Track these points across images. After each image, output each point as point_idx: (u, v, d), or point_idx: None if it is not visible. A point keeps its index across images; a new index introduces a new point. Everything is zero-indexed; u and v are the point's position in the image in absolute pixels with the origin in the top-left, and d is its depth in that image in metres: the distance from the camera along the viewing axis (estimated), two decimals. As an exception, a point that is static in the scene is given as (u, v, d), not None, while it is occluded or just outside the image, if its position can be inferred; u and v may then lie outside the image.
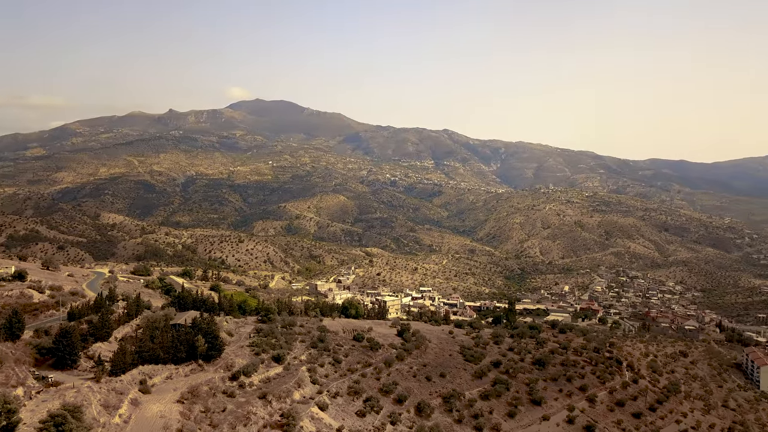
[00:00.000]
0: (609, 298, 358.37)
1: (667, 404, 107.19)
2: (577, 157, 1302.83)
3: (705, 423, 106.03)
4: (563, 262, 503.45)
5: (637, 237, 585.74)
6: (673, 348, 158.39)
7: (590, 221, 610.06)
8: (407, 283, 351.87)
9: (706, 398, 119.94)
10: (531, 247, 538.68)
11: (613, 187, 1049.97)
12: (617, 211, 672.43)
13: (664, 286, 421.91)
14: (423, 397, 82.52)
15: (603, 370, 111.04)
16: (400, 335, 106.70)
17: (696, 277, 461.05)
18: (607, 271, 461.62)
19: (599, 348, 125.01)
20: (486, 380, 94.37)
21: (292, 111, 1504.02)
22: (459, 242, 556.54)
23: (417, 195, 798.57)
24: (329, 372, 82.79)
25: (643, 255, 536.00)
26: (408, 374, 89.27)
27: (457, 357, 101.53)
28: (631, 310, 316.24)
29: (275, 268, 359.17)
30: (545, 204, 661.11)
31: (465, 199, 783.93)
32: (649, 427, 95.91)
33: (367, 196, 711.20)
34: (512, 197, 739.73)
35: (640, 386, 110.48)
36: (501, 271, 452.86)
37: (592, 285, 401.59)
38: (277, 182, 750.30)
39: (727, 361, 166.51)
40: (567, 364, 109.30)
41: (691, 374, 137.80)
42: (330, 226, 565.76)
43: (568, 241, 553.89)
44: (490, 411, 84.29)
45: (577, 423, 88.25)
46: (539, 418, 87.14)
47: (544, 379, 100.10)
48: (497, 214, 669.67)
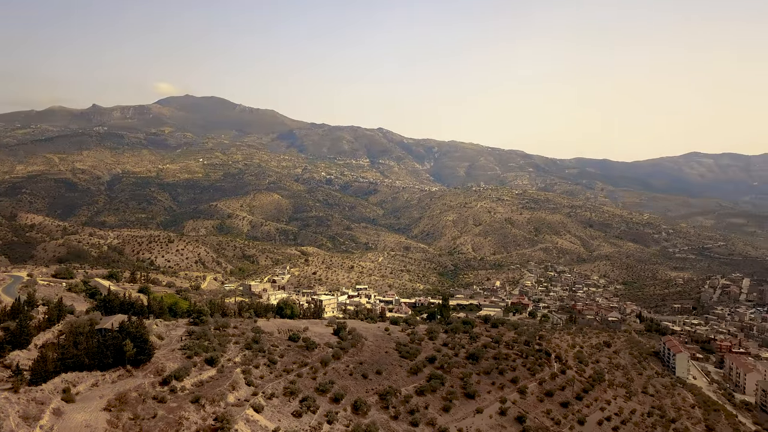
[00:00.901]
0: (538, 293, 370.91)
1: (592, 393, 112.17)
2: (508, 156, 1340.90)
3: (627, 409, 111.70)
4: (494, 257, 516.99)
5: (564, 233, 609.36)
6: (598, 339, 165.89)
7: (520, 218, 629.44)
8: (344, 281, 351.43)
9: (627, 386, 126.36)
10: (464, 243, 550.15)
11: (542, 185, 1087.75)
12: (545, 208, 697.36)
13: (589, 279, 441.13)
14: (359, 395, 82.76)
15: (533, 362, 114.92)
16: (337, 334, 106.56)
17: (618, 271, 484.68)
18: (537, 266, 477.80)
19: (529, 341, 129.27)
20: (421, 376, 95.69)
21: (223, 107, 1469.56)
22: (394, 240, 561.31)
23: (353, 193, 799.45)
24: (264, 373, 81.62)
25: (570, 250, 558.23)
26: (344, 373, 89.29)
27: (393, 354, 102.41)
28: (559, 303, 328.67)
29: (207, 269, 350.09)
30: (477, 202, 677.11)
31: (400, 197, 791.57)
32: (576, 415, 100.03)
33: (302, 195, 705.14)
34: (445, 195, 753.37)
35: (568, 376, 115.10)
36: (435, 267, 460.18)
37: (523, 280, 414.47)
38: (209, 180, 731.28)
39: (646, 349, 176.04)
40: (499, 357, 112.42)
41: (614, 363, 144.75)
42: (264, 225, 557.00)
43: (499, 238, 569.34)
44: (426, 406, 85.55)
45: (509, 414, 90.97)
46: (473, 411, 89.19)
47: (478, 373, 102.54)
48: (431, 211, 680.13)
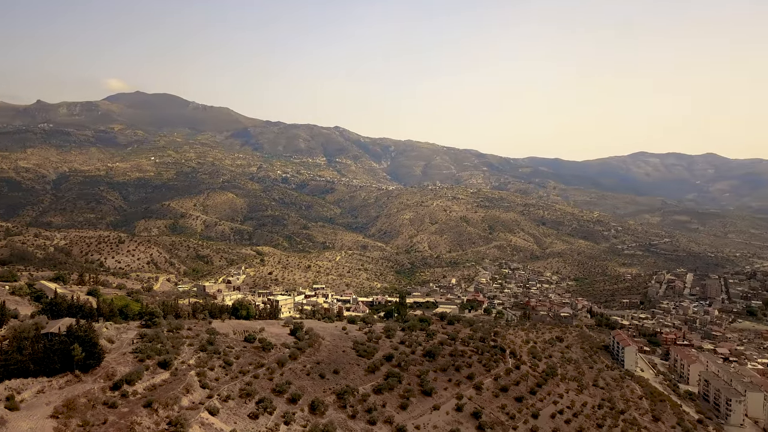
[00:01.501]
0: (493, 289, 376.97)
1: (545, 387, 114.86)
2: (462, 156, 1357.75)
3: (578, 402, 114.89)
4: (450, 255, 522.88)
5: (518, 231, 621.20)
6: (551, 334, 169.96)
7: (475, 216, 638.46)
8: (300, 281, 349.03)
9: (579, 379, 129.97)
10: (420, 242, 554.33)
11: (496, 184, 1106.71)
12: (499, 206, 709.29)
13: (542, 276, 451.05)
14: (317, 395, 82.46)
15: (488, 359, 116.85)
16: (293, 334, 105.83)
17: (570, 267, 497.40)
18: (491, 264, 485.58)
19: (485, 337, 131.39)
20: (379, 374, 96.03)
21: (175, 104, 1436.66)
22: (352, 239, 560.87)
23: (309, 192, 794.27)
24: (220, 375, 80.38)
25: (524, 248, 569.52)
26: (301, 373, 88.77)
27: (350, 353, 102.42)
28: (513, 300, 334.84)
29: (160, 270, 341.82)
30: (433, 200, 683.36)
31: (357, 196, 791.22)
32: (530, 409, 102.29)
33: (257, 194, 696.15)
34: (402, 194, 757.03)
35: (522, 372, 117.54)
36: (392, 265, 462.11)
37: (478, 277, 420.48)
38: (161, 179, 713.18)
39: (597, 343, 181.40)
40: (455, 354, 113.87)
41: (566, 358, 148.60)
42: (218, 225, 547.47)
43: (454, 236, 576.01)
44: (383, 404, 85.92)
45: (465, 410, 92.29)
46: (430, 408, 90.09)
47: (435, 370, 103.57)
48: (388, 210, 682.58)
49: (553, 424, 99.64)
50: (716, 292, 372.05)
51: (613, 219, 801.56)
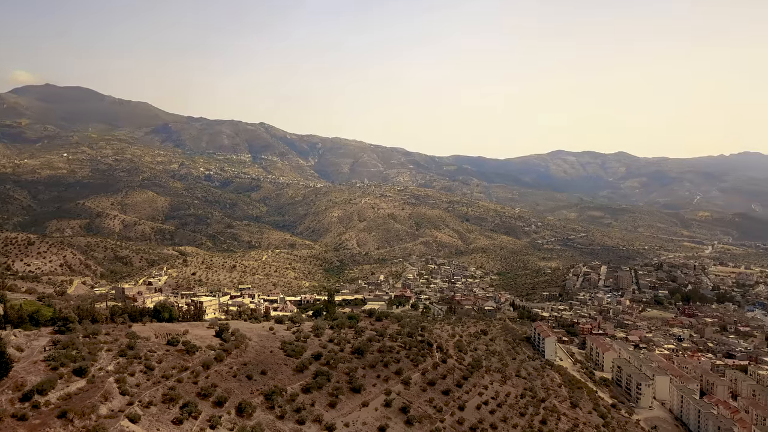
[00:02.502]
0: (420, 285, 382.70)
1: (471, 379, 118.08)
2: (390, 153, 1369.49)
3: (503, 392, 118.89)
4: (379, 252, 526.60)
5: (444, 227, 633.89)
6: (476, 327, 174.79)
7: (402, 213, 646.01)
8: (225, 281, 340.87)
9: (503, 370, 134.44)
10: (349, 239, 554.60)
11: (422, 182, 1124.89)
12: (426, 203, 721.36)
13: (467, 271, 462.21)
14: (244, 397, 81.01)
15: (416, 353, 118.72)
16: (219, 336, 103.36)
17: (493, 262, 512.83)
18: (418, 260, 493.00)
19: (412, 332, 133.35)
20: (307, 373, 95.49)
21: (90, 98, 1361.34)
22: (279, 237, 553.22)
23: (234, 190, 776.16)
24: (141, 381, 77.38)
25: (449, 243, 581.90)
26: (228, 375, 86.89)
27: (278, 353, 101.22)
28: (439, 295, 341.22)
29: (74, 273, 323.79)
30: (361, 198, 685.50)
31: (284, 193, 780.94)
32: (457, 401, 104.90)
33: (179, 192, 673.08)
34: (330, 192, 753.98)
35: (449, 365, 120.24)
36: (321, 264, 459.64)
37: (405, 273, 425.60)
38: (74, 177, 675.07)
39: (519, 335, 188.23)
40: (384, 350, 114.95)
41: (490, 350, 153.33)
42: (138, 225, 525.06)
43: (382, 233, 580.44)
44: (312, 403, 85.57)
45: (394, 405, 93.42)
46: (359, 404, 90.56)
47: (363, 367, 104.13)
48: (316, 208, 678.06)
49: (478, 415, 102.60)
50: (627, 283, 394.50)
51: (534, 215, 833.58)
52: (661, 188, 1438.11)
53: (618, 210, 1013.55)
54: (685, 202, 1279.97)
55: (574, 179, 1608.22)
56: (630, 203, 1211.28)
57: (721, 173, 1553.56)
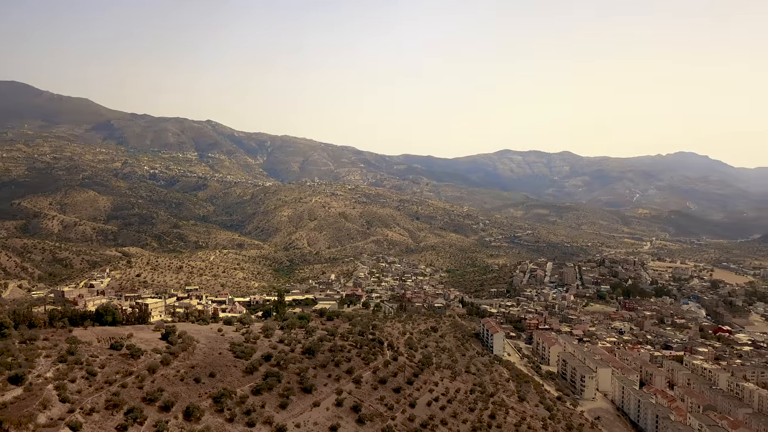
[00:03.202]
0: (371, 283, 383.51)
1: (422, 376, 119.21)
2: (340, 152, 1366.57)
3: (453, 388, 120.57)
4: (329, 251, 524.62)
5: (394, 226, 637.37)
6: (426, 324, 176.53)
7: (353, 212, 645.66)
8: (172, 283, 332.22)
9: (452, 366, 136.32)
10: (299, 239, 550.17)
11: (373, 180, 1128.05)
12: (376, 202, 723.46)
13: (417, 268, 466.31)
14: (192, 401, 79.25)
15: (367, 352, 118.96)
16: (165, 338, 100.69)
17: (442, 260, 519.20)
18: (369, 258, 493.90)
19: (363, 331, 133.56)
20: (257, 374, 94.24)
21: (26, 94, 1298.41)
22: (227, 237, 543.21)
23: (180, 189, 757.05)
24: (83, 387, 74.57)
25: (400, 242, 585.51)
26: (175, 378, 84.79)
27: (227, 355, 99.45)
28: (390, 293, 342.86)
29: (9, 276, 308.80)
30: (312, 197, 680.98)
31: (232, 192, 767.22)
32: (408, 399, 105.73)
33: (123, 191, 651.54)
34: (280, 190, 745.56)
35: (400, 363, 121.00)
36: (270, 264, 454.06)
37: (356, 272, 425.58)
38: (9, 176, 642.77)
39: (468, 331, 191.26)
40: (335, 349, 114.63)
41: (440, 347, 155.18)
42: (78, 225, 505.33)
43: (333, 232, 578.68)
44: (262, 405, 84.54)
45: (345, 405, 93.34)
46: (310, 405, 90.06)
47: (314, 367, 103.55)
48: (265, 207, 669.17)
49: (429, 412, 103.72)
50: (572, 279, 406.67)
51: (482, 213, 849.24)
52: (603, 187, 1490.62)
53: (563, 208, 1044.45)
54: (626, 200, 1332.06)
55: (521, 178, 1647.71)
56: (574, 201, 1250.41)
57: (659, 172, 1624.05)
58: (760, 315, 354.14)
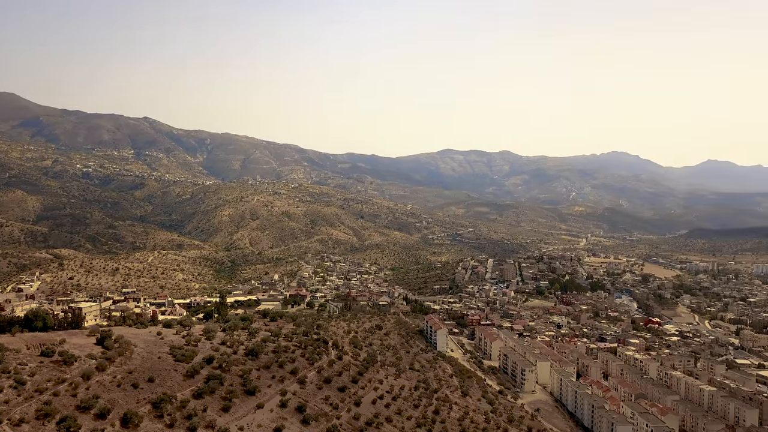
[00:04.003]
0: (315, 283, 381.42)
1: (367, 374, 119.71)
2: (283, 150, 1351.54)
3: (397, 386, 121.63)
4: (273, 251, 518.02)
5: (339, 224, 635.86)
6: (371, 323, 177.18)
7: (297, 211, 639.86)
8: (107, 285, 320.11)
9: (397, 364, 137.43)
10: (241, 238, 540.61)
11: (316, 179, 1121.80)
12: (320, 201, 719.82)
13: (362, 267, 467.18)
14: (130, 407, 76.78)
15: (312, 352, 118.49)
16: (101, 343, 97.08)
17: (387, 258, 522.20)
18: (313, 258, 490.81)
19: (308, 331, 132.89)
20: (199, 378, 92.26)
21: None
22: (166, 238, 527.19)
23: (116, 188, 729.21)
24: (11, 397, 70.99)
25: (344, 240, 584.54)
26: (111, 385, 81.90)
27: (167, 359, 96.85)
28: (335, 292, 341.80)
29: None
30: (254, 196, 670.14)
31: (171, 191, 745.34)
32: (353, 397, 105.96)
33: (53, 190, 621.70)
34: (221, 189, 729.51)
35: (345, 362, 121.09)
36: (212, 265, 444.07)
37: (300, 272, 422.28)
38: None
39: (412, 329, 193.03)
40: (279, 350, 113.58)
41: (385, 344, 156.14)
42: (5, 227, 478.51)
43: (276, 231, 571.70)
44: (204, 409, 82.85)
45: (290, 405, 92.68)
46: (254, 406, 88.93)
47: (258, 368, 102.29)
48: (206, 206, 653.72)
49: (374, 410, 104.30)
50: (512, 275, 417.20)
51: (425, 211, 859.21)
52: (541, 185, 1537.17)
53: (503, 206, 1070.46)
54: (563, 198, 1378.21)
55: (462, 177, 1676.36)
56: (513, 199, 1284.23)
57: (593, 171, 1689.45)
58: (686, 307, 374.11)
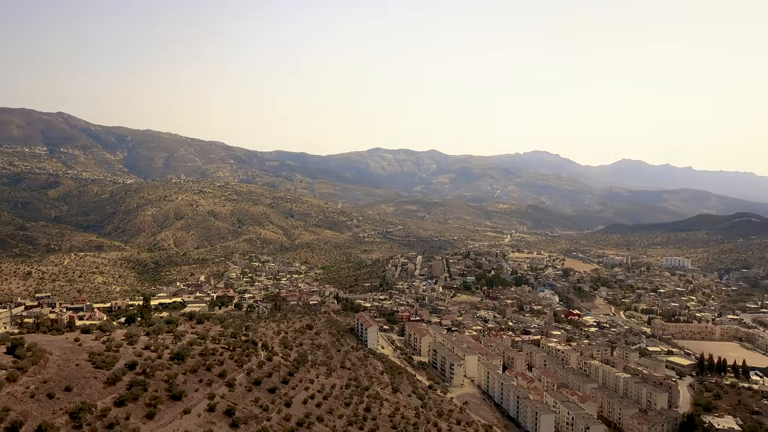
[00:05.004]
0: (244, 284, 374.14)
1: (297, 375, 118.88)
2: (208, 148, 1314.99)
3: (328, 385, 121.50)
4: (198, 252, 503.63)
5: (267, 224, 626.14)
6: (301, 323, 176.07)
7: (223, 210, 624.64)
8: (18, 290, 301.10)
9: (328, 363, 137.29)
10: (165, 239, 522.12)
11: (244, 177, 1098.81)
12: (248, 199, 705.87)
13: (292, 267, 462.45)
14: (45, 419, 72.78)
15: (241, 354, 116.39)
16: (11, 352, 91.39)
17: (318, 257, 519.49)
18: (241, 258, 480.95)
19: (236, 333, 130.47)
20: (121, 385, 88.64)
21: None
22: (83, 239, 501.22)
23: (27, 187, 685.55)
24: None
25: (273, 240, 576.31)
26: (24, 396, 77.30)
27: (85, 366, 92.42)
28: (264, 292, 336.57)
29: None
30: (178, 195, 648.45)
31: (89, 190, 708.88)
32: (283, 398, 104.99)
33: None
34: (143, 188, 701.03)
35: (275, 363, 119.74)
36: (134, 266, 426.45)
37: (228, 272, 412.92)
38: None
39: (343, 327, 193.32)
40: (206, 353, 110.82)
41: (316, 344, 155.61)
42: None
43: (202, 231, 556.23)
44: (127, 417, 79.74)
45: (218, 409, 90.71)
46: (180, 412, 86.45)
47: (184, 373, 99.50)
48: (127, 206, 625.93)
49: (305, 410, 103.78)
50: (440, 272, 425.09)
51: (355, 210, 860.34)
52: (467, 183, 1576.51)
53: (431, 204, 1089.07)
54: (488, 195, 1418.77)
55: (392, 175, 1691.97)
56: (441, 197, 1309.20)
57: (517, 170, 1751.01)
58: (603, 299, 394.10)
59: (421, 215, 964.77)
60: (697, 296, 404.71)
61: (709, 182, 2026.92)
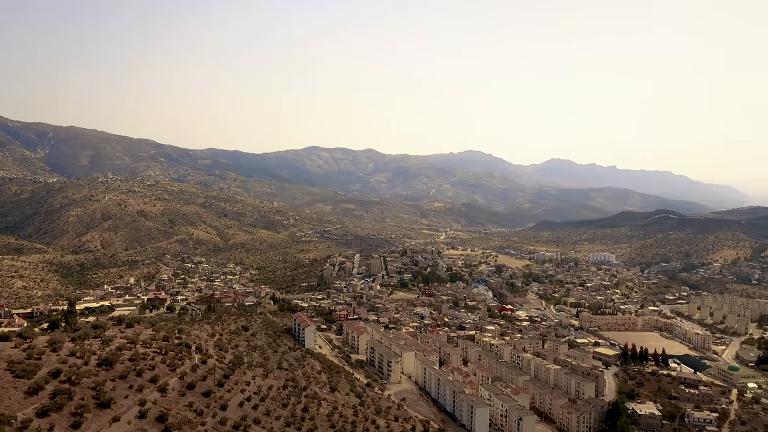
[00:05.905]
0: (176, 286, 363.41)
1: (233, 377, 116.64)
2: (137, 145, 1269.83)
3: (265, 386, 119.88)
4: (127, 253, 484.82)
5: (200, 224, 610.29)
6: (236, 324, 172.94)
7: (153, 210, 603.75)
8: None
9: (265, 364, 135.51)
10: (91, 240, 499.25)
11: (175, 176, 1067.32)
12: (180, 199, 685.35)
13: (226, 267, 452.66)
14: (-41, 433, 68.43)
15: (173, 357, 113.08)
16: None
17: (253, 257, 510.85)
18: (173, 259, 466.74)
19: (168, 336, 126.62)
20: (43, 394, 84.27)
21: None
22: (1, 242, 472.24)
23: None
24: None
25: (206, 240, 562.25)
26: (-65, 410, 72.39)
27: (4, 376, 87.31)
28: (197, 294, 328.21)
29: None
30: (105, 194, 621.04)
31: (6, 190, 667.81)
32: (219, 402, 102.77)
33: None
34: (66, 188, 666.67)
35: (209, 366, 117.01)
36: (57, 269, 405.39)
37: (159, 274, 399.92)
38: None
39: (280, 328, 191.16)
40: (136, 358, 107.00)
41: (252, 345, 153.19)
42: None
43: (131, 232, 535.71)
44: (50, 428, 75.94)
45: (150, 416, 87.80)
46: (109, 420, 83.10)
47: (113, 379, 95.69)
48: (49, 206, 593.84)
49: (241, 412, 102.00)
50: (378, 270, 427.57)
51: (292, 209, 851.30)
52: (403, 182, 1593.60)
53: (368, 202, 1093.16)
54: (424, 194, 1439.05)
55: (329, 174, 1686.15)
56: (378, 196, 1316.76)
57: (451, 169, 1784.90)
58: (534, 293, 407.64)
59: (358, 214, 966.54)
60: (621, 289, 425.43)
61: (631, 181, 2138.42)
